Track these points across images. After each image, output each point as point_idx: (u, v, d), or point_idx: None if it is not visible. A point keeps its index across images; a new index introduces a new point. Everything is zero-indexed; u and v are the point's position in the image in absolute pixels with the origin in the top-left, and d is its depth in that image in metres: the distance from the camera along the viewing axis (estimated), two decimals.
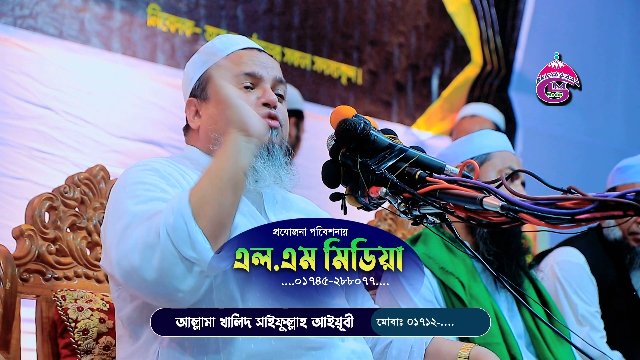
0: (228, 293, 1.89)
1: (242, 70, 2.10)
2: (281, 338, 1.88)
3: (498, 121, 4.95)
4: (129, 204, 1.88)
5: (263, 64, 2.13)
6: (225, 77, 2.07)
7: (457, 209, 1.55)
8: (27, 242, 2.20)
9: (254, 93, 2.09)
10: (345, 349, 1.96)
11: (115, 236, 1.86)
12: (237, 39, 2.19)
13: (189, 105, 2.15)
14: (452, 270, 2.56)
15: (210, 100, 2.10)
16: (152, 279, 1.76)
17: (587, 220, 1.40)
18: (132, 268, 1.79)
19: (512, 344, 2.50)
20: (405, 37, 5.64)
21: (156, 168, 1.97)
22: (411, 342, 2.16)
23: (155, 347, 1.92)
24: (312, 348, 1.91)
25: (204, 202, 1.78)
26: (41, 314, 2.19)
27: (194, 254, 1.75)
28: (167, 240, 1.75)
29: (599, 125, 6.61)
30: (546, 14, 6.24)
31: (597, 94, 6.47)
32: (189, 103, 2.15)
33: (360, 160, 1.66)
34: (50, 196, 2.28)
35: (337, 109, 1.75)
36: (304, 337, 1.90)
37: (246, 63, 2.11)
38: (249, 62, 2.12)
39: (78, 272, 2.28)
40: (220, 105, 1.93)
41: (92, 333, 2.15)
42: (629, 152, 6.54)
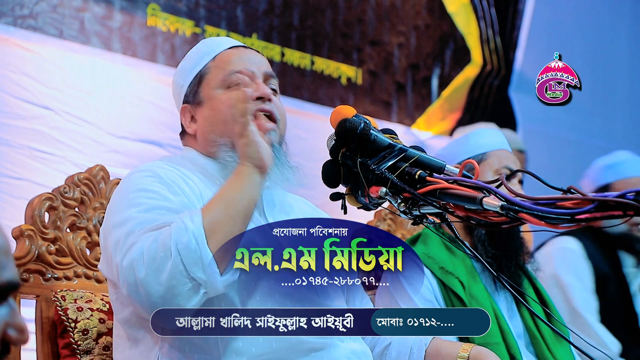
0: (227, 295, 1.89)
1: (232, 69, 2.10)
2: (282, 340, 1.88)
3: (521, 147, 4.89)
4: (132, 211, 1.88)
5: (252, 60, 2.13)
6: (217, 78, 2.08)
7: (457, 209, 1.55)
8: (27, 242, 2.20)
9: (247, 90, 2.07)
10: (345, 349, 1.96)
11: (118, 242, 1.86)
12: (221, 41, 2.20)
13: (184, 112, 2.15)
14: (451, 270, 2.56)
15: (204, 104, 2.10)
16: (158, 294, 1.77)
17: (587, 220, 1.40)
18: (138, 281, 1.78)
19: (512, 343, 2.50)
20: (405, 37, 5.64)
21: (158, 174, 1.96)
22: (410, 343, 2.16)
23: (155, 352, 1.91)
24: (313, 349, 1.91)
25: (216, 227, 1.80)
26: (41, 314, 2.19)
27: (203, 276, 1.77)
28: (178, 258, 1.76)
29: (599, 126, 6.61)
30: (546, 14, 6.25)
31: (597, 94, 6.46)
32: (183, 110, 2.15)
33: (360, 160, 1.66)
34: (50, 196, 2.27)
35: (337, 109, 1.75)
36: (304, 339, 1.90)
37: (234, 62, 2.11)
38: (237, 60, 2.11)
39: (78, 272, 2.28)
40: (238, 137, 1.94)
41: (91, 333, 2.15)
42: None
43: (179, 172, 2.01)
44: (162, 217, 1.86)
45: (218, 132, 2.05)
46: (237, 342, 1.86)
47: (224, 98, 2.06)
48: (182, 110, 2.15)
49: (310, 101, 4.95)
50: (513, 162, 2.71)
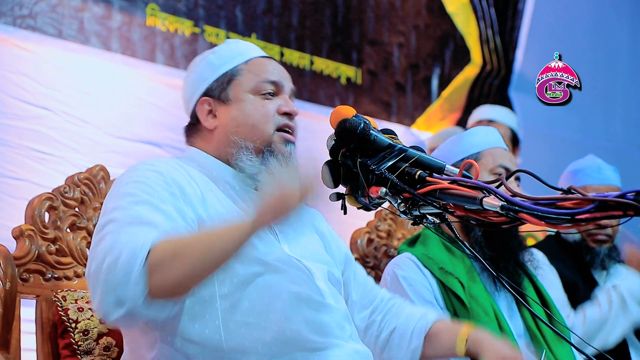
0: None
1: (266, 77, 2.13)
2: (287, 340, 1.89)
3: (514, 125, 4.91)
4: (124, 201, 1.88)
5: (283, 75, 2.17)
6: (249, 82, 2.11)
7: (457, 209, 1.55)
8: (27, 242, 2.20)
9: (273, 101, 2.11)
10: (349, 349, 1.97)
11: (102, 217, 1.88)
12: (251, 46, 2.23)
13: (202, 104, 2.14)
14: (451, 271, 2.56)
15: (231, 103, 2.11)
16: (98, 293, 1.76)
17: (587, 220, 1.40)
18: (91, 270, 1.79)
19: (512, 343, 2.49)
20: (405, 37, 5.64)
21: (162, 172, 1.96)
22: (412, 327, 2.21)
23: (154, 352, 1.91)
24: (316, 349, 1.92)
25: (182, 257, 1.75)
26: (41, 314, 2.18)
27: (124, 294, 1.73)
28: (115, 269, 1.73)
29: (598, 126, 6.61)
30: (546, 14, 6.25)
31: (596, 94, 6.47)
32: (202, 102, 2.14)
33: (360, 160, 1.66)
34: (50, 196, 2.27)
35: (337, 109, 1.75)
36: (308, 338, 1.91)
37: (269, 71, 2.15)
38: (272, 70, 2.16)
39: (78, 272, 2.28)
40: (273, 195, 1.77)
41: (92, 334, 2.14)
42: (628, 152, 6.55)
43: (185, 173, 2.01)
44: (149, 214, 1.85)
45: (242, 135, 2.07)
46: (242, 340, 1.87)
47: (257, 104, 2.10)
48: (201, 102, 2.14)
49: (310, 101, 4.95)
50: (508, 160, 2.68)
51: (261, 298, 1.91)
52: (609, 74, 6.65)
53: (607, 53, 6.70)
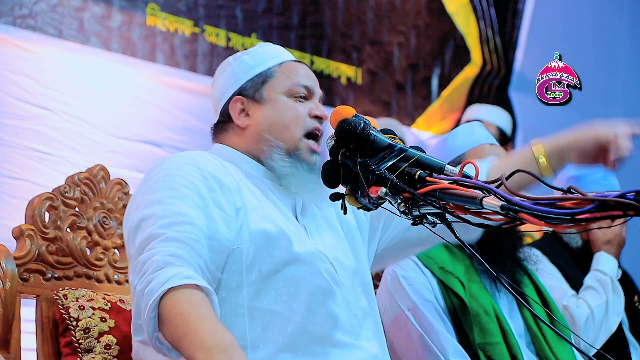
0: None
1: (300, 81, 2.17)
2: (308, 332, 1.91)
3: (503, 124, 4.90)
4: (164, 194, 1.91)
5: (314, 80, 2.22)
6: (284, 84, 2.15)
7: (457, 208, 1.55)
8: (27, 242, 2.20)
9: (305, 105, 2.16)
10: (367, 352, 1.99)
11: (139, 209, 1.91)
12: (285, 51, 2.28)
13: (235, 102, 2.17)
14: (451, 270, 2.56)
15: (265, 103, 2.14)
16: (132, 309, 1.83)
17: (587, 220, 1.39)
18: (133, 282, 1.82)
19: (513, 343, 2.49)
20: (405, 37, 5.64)
21: (199, 166, 1.99)
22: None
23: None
24: (337, 346, 1.94)
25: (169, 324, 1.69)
26: (41, 314, 2.18)
27: (142, 323, 1.73)
28: (141, 294, 1.74)
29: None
30: (546, 14, 6.25)
31: (597, 94, 6.46)
32: (235, 100, 2.17)
33: (360, 160, 1.66)
34: (51, 196, 2.27)
35: (337, 109, 1.75)
36: (328, 333, 1.93)
37: (303, 75, 2.19)
38: (305, 74, 2.20)
39: (78, 272, 2.28)
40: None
41: (93, 332, 2.14)
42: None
43: (219, 165, 2.04)
44: (189, 211, 1.87)
45: (274, 134, 2.11)
46: (266, 333, 1.88)
47: (290, 106, 2.14)
48: (234, 101, 2.17)
49: None
50: (495, 155, 2.66)
51: (287, 287, 1.93)
52: (609, 74, 6.65)
53: (607, 53, 6.70)
